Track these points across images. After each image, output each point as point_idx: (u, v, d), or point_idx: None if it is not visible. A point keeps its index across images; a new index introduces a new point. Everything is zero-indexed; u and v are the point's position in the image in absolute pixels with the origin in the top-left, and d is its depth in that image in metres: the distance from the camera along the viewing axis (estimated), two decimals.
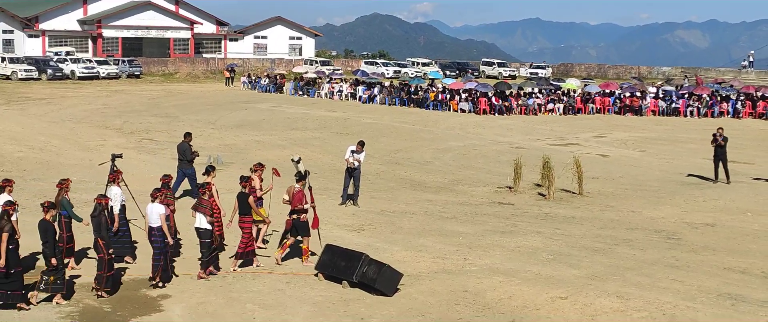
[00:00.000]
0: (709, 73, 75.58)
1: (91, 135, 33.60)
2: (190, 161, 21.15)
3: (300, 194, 15.31)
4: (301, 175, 15.63)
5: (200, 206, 14.44)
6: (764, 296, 13.96)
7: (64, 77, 62.27)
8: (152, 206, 13.96)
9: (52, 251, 12.72)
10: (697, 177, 26.63)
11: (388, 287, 13.63)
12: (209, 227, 14.36)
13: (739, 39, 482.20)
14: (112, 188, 15.31)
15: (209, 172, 16.33)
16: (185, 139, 21.38)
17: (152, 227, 13.93)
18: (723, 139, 25.32)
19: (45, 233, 12.74)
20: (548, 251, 16.72)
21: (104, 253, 13.18)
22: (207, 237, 14.40)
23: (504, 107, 46.36)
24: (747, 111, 48.06)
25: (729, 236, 18.49)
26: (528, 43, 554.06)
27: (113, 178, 15.62)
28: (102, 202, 13.61)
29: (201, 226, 14.39)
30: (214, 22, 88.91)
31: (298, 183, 15.42)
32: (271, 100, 51.34)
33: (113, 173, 15.83)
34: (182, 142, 21.42)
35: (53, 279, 12.76)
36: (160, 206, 14.02)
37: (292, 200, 15.28)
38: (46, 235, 12.74)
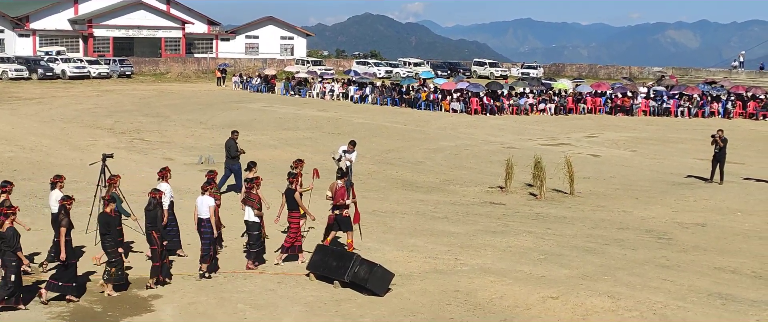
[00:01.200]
0: (699, 73, 75.80)
1: (82, 135, 33.50)
2: (235, 157, 21.77)
3: (342, 190, 15.79)
4: (342, 171, 16.29)
5: (248, 200, 15.02)
6: (754, 296, 14.02)
7: (54, 77, 62.11)
8: (202, 199, 14.54)
9: (113, 243, 13.29)
10: (695, 178, 26.66)
11: (379, 287, 13.63)
12: (257, 220, 14.92)
13: (730, 39, 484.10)
14: (162, 184, 15.70)
15: (251, 167, 16.96)
16: (232, 136, 22.10)
17: (201, 218, 14.49)
18: (723, 140, 25.41)
19: (107, 226, 13.28)
20: (539, 251, 16.74)
21: (158, 244, 13.71)
22: (255, 229, 14.96)
23: (495, 107, 46.41)
24: (737, 111, 48.22)
25: (719, 236, 18.54)
26: (519, 43, 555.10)
27: (162, 174, 16.13)
28: (156, 196, 14.08)
29: (249, 219, 14.96)
30: (206, 21, 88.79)
31: (340, 180, 15.90)
32: (263, 100, 51.29)
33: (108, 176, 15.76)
34: (229, 139, 22.11)
35: (114, 271, 13.33)
36: (210, 199, 14.54)
37: (335, 196, 15.75)
38: (108, 227, 13.29)
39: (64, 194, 13.86)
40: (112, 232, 13.34)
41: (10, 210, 12.63)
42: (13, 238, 12.36)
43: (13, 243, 12.33)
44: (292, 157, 27.81)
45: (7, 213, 12.47)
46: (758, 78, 69.94)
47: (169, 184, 15.96)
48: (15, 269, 12.34)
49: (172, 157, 28.64)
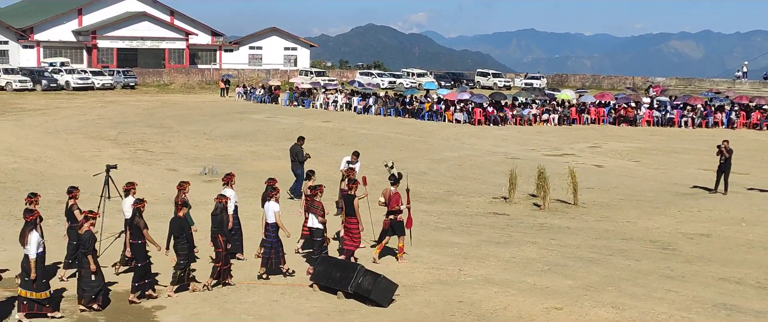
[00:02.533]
0: (703, 83, 75.77)
1: (86, 146, 33.56)
2: (302, 162, 22.71)
3: (396, 196, 16.26)
4: (394, 178, 16.63)
5: (312, 207, 15.56)
6: (759, 306, 13.98)
7: (58, 88, 62.21)
8: (269, 204, 15.13)
9: (186, 245, 13.86)
10: (700, 188, 26.61)
11: (383, 297, 13.61)
12: (321, 227, 15.40)
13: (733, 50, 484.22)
14: (227, 190, 16.09)
15: (311, 176, 17.63)
16: (298, 142, 23.13)
17: (268, 223, 15.04)
18: (728, 151, 25.40)
19: (180, 229, 13.85)
20: (543, 262, 16.72)
21: (222, 247, 14.20)
22: (319, 235, 15.44)
23: (499, 118, 46.42)
24: (741, 121, 48.20)
25: (724, 247, 18.51)
26: (523, 53, 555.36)
27: (227, 180, 16.49)
28: (222, 201, 14.60)
29: (313, 225, 15.48)
30: (210, 32, 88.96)
31: (394, 186, 16.39)
32: (266, 111, 51.33)
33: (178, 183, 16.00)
34: (295, 145, 23.14)
35: (180, 273, 13.88)
36: (276, 205, 15.12)
37: (390, 201, 16.22)
38: (180, 230, 13.85)
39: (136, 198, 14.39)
40: (185, 235, 13.90)
41: (91, 214, 13.09)
42: (89, 241, 12.88)
43: (88, 246, 12.87)
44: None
45: (88, 217, 12.99)
46: (762, 88, 69.90)
47: (233, 189, 16.34)
48: (92, 271, 12.88)
49: (176, 167, 28.68)
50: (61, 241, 15.57)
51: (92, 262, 12.89)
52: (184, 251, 13.90)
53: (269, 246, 15.05)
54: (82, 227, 12.93)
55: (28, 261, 12.44)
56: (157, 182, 25.12)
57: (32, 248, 12.41)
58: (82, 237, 12.91)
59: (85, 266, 12.92)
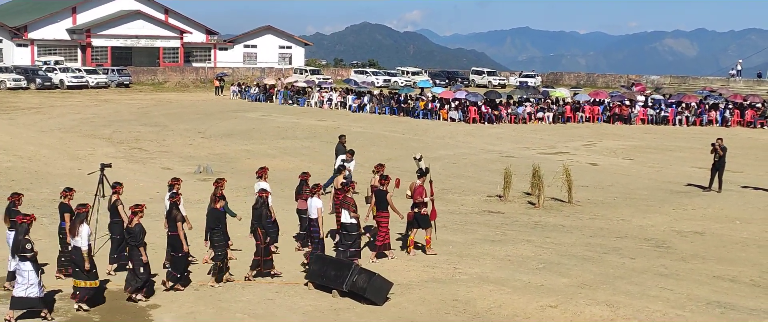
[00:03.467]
0: (697, 81, 75.92)
1: (80, 144, 33.51)
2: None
3: (420, 189, 16.76)
4: (421, 171, 17.24)
5: (344, 203, 15.94)
6: (753, 304, 14.02)
7: (52, 87, 62.17)
8: (312, 201, 15.57)
9: (222, 237, 14.39)
10: (694, 186, 26.63)
11: (378, 296, 13.62)
12: (354, 221, 15.78)
13: (728, 48, 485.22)
14: (262, 183, 16.73)
15: (340, 171, 18.31)
16: (341, 140, 23.98)
17: (311, 219, 15.54)
18: (722, 149, 25.47)
19: (216, 221, 14.47)
20: (538, 260, 16.74)
21: (261, 240, 14.75)
22: (353, 230, 15.80)
23: (494, 116, 46.45)
24: (735, 120, 48.29)
25: (718, 244, 18.55)
26: (517, 51, 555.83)
27: (261, 173, 17.27)
28: (263, 195, 15.23)
29: (346, 220, 15.83)
30: (204, 31, 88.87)
31: (419, 179, 16.93)
32: (261, 110, 51.31)
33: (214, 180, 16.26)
34: (338, 144, 23.88)
35: (219, 264, 14.43)
36: (319, 201, 15.54)
37: (413, 194, 16.70)
38: (217, 222, 14.46)
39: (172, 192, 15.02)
40: (221, 227, 14.41)
41: (138, 208, 13.57)
42: (139, 234, 13.40)
43: (139, 239, 13.37)
44: (291, 167, 27.85)
45: (136, 211, 13.49)
46: (756, 86, 70.06)
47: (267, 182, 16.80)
48: (142, 262, 13.38)
49: (171, 166, 28.65)
50: (54, 238, 15.59)
51: (144, 253, 13.42)
52: (221, 243, 14.40)
53: (316, 241, 15.52)
54: (132, 220, 13.46)
55: (80, 253, 12.93)
56: (151, 181, 25.09)
57: (84, 240, 12.91)
58: (132, 230, 13.42)
59: (136, 258, 13.40)
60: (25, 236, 12.59)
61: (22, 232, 12.63)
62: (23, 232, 12.63)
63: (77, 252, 12.98)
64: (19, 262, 12.61)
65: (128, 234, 13.55)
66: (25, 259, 12.51)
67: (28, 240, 12.58)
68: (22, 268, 12.53)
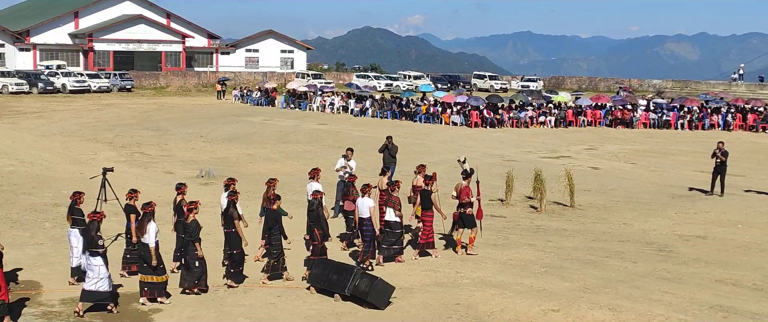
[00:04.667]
0: (699, 85, 75.86)
1: (82, 149, 33.52)
2: (394, 157, 24.62)
3: (466, 189, 17.22)
4: (467, 172, 17.69)
5: (390, 201, 16.48)
6: (755, 308, 14.00)
7: (55, 91, 62.21)
8: (363, 200, 16.04)
9: (279, 236, 14.99)
10: (696, 190, 26.60)
11: (380, 300, 13.61)
12: (398, 219, 16.41)
13: (729, 52, 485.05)
14: (314, 184, 17.35)
15: (385, 172, 19.11)
16: (389, 140, 24.83)
17: (363, 218, 15.98)
18: (723, 153, 25.46)
19: (274, 221, 15.04)
20: (540, 264, 16.73)
21: (318, 241, 15.18)
22: (397, 228, 16.42)
23: (495, 120, 46.44)
24: (737, 123, 48.27)
25: (720, 249, 18.53)
26: (519, 56, 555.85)
27: (313, 174, 17.85)
28: (317, 197, 15.68)
29: (391, 218, 16.42)
30: (206, 35, 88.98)
31: (465, 180, 17.36)
32: (263, 114, 51.32)
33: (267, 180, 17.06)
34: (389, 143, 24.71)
35: (273, 263, 14.96)
36: (370, 200, 16.05)
37: (460, 195, 17.14)
38: (274, 222, 15.04)
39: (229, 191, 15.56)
40: (278, 227, 15.00)
41: (193, 205, 14.22)
42: (195, 229, 13.95)
43: (194, 234, 13.92)
44: (293, 171, 27.86)
45: (191, 207, 14.14)
46: (758, 90, 70.03)
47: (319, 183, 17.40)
48: (197, 257, 13.93)
49: (173, 170, 28.66)
50: (56, 241, 15.60)
51: (199, 248, 13.94)
52: (278, 241, 14.98)
53: (368, 240, 15.92)
54: (188, 217, 14.08)
55: (148, 249, 13.46)
56: (153, 185, 25.09)
57: (151, 237, 13.46)
58: (188, 226, 14.00)
59: (191, 253, 13.99)
60: (97, 232, 13.20)
61: (94, 228, 13.23)
62: (95, 228, 13.23)
63: (145, 249, 13.53)
64: (90, 256, 13.19)
65: (185, 230, 14.16)
66: (96, 254, 13.13)
67: (100, 236, 13.22)
68: (93, 262, 13.12)
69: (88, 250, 13.26)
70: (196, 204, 14.34)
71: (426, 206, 16.99)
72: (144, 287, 13.60)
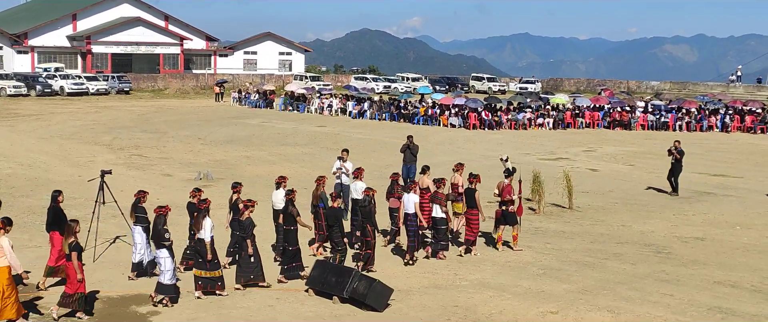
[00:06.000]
0: (697, 87, 76.01)
1: (81, 151, 33.50)
2: (415, 155, 25.33)
3: (508, 187, 17.84)
4: (509, 171, 18.34)
5: (436, 198, 16.99)
6: (754, 310, 14.01)
7: (53, 93, 62.20)
8: (409, 196, 16.55)
9: (340, 233, 15.62)
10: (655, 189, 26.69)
11: (378, 302, 13.61)
12: (444, 216, 16.98)
13: (727, 53, 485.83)
14: (359, 183, 17.89)
15: (426, 170, 19.21)
16: (408, 139, 25.55)
17: (408, 213, 16.47)
18: (679, 152, 25.60)
19: (335, 219, 15.61)
20: (538, 266, 16.73)
21: (371, 236, 15.76)
22: (443, 224, 16.97)
23: (494, 122, 46.45)
24: (735, 125, 48.31)
25: (718, 250, 18.54)
26: (517, 57, 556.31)
27: (357, 174, 18.47)
28: (369, 193, 16.14)
29: (437, 215, 16.91)
30: (204, 37, 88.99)
31: (507, 178, 18.01)
32: (261, 116, 51.29)
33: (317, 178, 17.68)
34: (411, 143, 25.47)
35: (338, 257, 15.43)
36: (415, 196, 16.60)
37: (502, 192, 17.76)
38: (336, 220, 15.60)
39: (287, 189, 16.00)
40: (339, 224, 15.62)
41: (250, 203, 14.72)
42: (249, 226, 14.54)
43: (248, 231, 14.48)
44: (291, 173, 27.85)
45: (247, 205, 14.63)
46: (756, 92, 70.15)
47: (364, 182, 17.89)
48: (250, 253, 14.43)
49: (171, 173, 28.64)
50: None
51: (250, 245, 14.42)
52: (339, 238, 15.58)
53: (412, 235, 16.42)
54: (243, 214, 14.56)
55: (204, 244, 13.92)
56: (152, 187, 25.01)
57: (207, 233, 13.90)
58: (243, 223, 14.56)
59: (245, 249, 14.48)
60: (164, 226, 13.75)
61: (161, 222, 13.78)
62: (162, 222, 13.77)
63: (201, 244, 13.99)
64: (157, 250, 13.81)
65: (239, 227, 14.74)
66: (162, 247, 13.68)
67: (167, 229, 13.76)
68: (159, 255, 13.71)
69: (155, 243, 13.90)
70: (254, 202, 14.84)
71: (471, 204, 17.43)
72: (198, 281, 14.07)
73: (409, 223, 16.53)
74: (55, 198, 15.05)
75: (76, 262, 12.59)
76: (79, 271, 12.59)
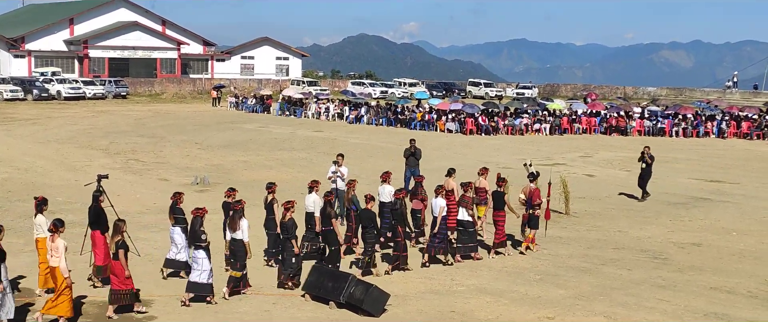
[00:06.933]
0: (693, 93, 76.10)
1: (77, 156, 33.47)
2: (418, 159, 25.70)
3: (536, 192, 18.15)
4: (533, 175, 18.60)
5: (463, 201, 17.41)
6: (750, 316, 14.02)
7: (49, 98, 62.14)
8: (436, 201, 16.73)
9: (373, 236, 15.88)
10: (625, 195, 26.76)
11: (375, 307, 13.60)
12: (470, 219, 17.38)
13: (724, 59, 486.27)
14: (386, 187, 18.08)
15: (452, 173, 19.46)
16: (412, 144, 25.75)
17: (435, 216, 16.66)
18: (650, 157, 25.69)
19: (369, 220, 15.94)
20: (535, 271, 16.74)
21: (402, 237, 16.22)
22: (470, 227, 17.40)
23: (491, 127, 46.49)
24: (731, 131, 48.40)
25: (715, 256, 18.56)
26: (514, 63, 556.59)
27: (385, 177, 18.62)
28: (400, 196, 16.48)
29: (463, 218, 17.30)
30: (201, 42, 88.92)
31: (532, 182, 18.26)
32: (258, 121, 51.30)
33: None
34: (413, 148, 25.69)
35: (368, 259, 15.82)
36: (442, 200, 16.75)
37: (532, 197, 18.06)
38: (370, 222, 15.93)
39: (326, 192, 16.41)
40: (372, 225, 15.91)
41: (289, 204, 14.90)
42: (292, 227, 14.78)
43: (291, 232, 14.74)
44: (288, 178, 27.84)
45: (288, 207, 14.81)
46: (752, 98, 70.25)
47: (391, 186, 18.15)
48: (294, 253, 14.79)
49: (168, 177, 28.62)
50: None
51: (295, 245, 14.82)
52: (372, 240, 15.86)
53: (442, 237, 16.73)
54: (285, 216, 14.78)
55: (242, 244, 14.29)
56: (148, 192, 25.06)
57: (245, 233, 14.28)
58: (285, 224, 14.79)
59: (289, 249, 14.83)
60: (201, 227, 14.01)
61: (198, 223, 14.05)
62: (199, 223, 14.05)
63: (238, 244, 14.32)
64: (194, 250, 14.08)
65: (282, 228, 14.91)
66: (199, 247, 13.96)
67: (203, 231, 14.01)
68: (197, 255, 13.97)
69: (192, 243, 14.17)
70: (293, 203, 15.06)
71: (498, 207, 17.77)
72: (231, 281, 14.45)
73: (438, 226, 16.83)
74: (97, 198, 15.25)
75: (123, 259, 12.97)
76: (126, 268, 12.98)
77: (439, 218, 16.63)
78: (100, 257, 14.74)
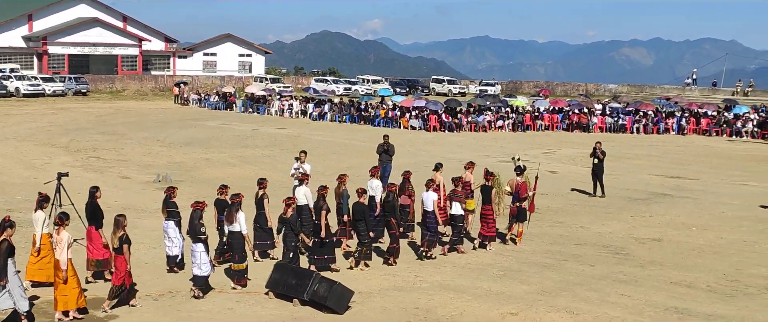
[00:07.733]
0: (654, 90, 76.96)
1: (37, 153, 33.04)
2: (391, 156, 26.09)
3: (523, 185, 18.58)
4: (520, 169, 18.97)
5: (456, 196, 17.50)
6: (709, 310, 14.21)
7: (8, 95, 61.19)
8: (427, 194, 17.08)
9: (366, 227, 16.10)
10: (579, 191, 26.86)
11: (339, 304, 13.58)
12: (462, 213, 17.60)
13: (683, 57, 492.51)
14: (374, 181, 18.23)
15: (439, 167, 19.90)
16: (385, 140, 26.26)
17: (427, 210, 17.03)
18: (602, 153, 25.98)
19: (361, 213, 16.13)
20: (498, 267, 16.82)
21: (396, 229, 16.67)
22: (460, 221, 17.65)
23: (454, 124, 46.63)
24: (691, 128, 49.01)
25: (675, 251, 18.78)
26: (477, 60, 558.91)
27: (374, 172, 18.75)
28: (392, 189, 17.20)
29: (456, 212, 17.46)
30: (163, 39, 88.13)
31: (519, 176, 18.60)
32: (221, 118, 51.01)
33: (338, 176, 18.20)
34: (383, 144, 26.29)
35: (365, 250, 16.21)
36: (434, 194, 17.10)
37: (519, 190, 18.45)
38: (362, 214, 16.12)
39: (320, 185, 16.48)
40: (364, 218, 16.07)
41: (290, 200, 15.15)
42: (295, 223, 15.04)
43: (296, 227, 15.01)
44: (251, 175, 27.70)
45: (289, 203, 15.01)
46: (711, 95, 71.18)
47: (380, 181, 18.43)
48: (294, 248, 15.03)
49: (129, 175, 28.36)
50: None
51: (305, 238, 15.36)
52: (364, 232, 16.10)
53: (433, 232, 17.07)
54: (287, 211, 14.91)
55: (240, 236, 14.63)
56: (109, 190, 24.77)
57: (243, 225, 14.63)
58: (287, 220, 14.95)
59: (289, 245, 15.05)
60: (200, 221, 14.15)
61: (197, 216, 14.21)
62: (197, 216, 14.21)
63: (235, 236, 14.64)
64: (192, 243, 14.18)
65: (284, 223, 15.02)
66: (198, 240, 14.10)
67: (202, 224, 14.15)
68: (195, 249, 14.11)
69: (191, 237, 14.22)
70: (294, 199, 15.61)
71: (487, 201, 18.02)
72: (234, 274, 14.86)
73: (428, 219, 17.11)
74: (93, 194, 15.20)
75: (127, 253, 13.01)
76: (129, 262, 13.09)
77: (436, 210, 16.92)
78: (94, 251, 14.81)
